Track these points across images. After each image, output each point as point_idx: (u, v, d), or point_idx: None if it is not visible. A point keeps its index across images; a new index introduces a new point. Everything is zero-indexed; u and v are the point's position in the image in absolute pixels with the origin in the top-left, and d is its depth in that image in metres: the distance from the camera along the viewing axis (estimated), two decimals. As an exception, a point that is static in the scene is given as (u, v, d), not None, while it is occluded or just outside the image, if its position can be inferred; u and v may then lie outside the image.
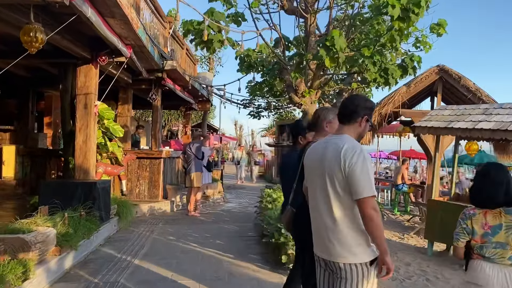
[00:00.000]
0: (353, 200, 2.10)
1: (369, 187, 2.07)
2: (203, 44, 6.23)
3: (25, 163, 8.97)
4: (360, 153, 2.11)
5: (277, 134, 8.57)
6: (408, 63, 7.02)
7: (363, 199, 2.06)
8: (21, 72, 8.58)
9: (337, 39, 5.09)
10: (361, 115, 2.26)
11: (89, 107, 6.64)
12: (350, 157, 2.09)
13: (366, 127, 2.31)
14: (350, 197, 2.12)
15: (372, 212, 2.05)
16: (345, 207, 2.15)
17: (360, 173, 2.07)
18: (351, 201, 2.12)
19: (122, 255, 5.52)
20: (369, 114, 2.29)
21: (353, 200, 2.10)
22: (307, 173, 2.40)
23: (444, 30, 6.63)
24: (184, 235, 6.85)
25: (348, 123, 2.28)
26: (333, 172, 2.14)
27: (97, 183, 6.06)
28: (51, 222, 4.61)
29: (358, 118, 2.26)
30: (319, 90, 6.72)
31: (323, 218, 2.21)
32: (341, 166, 2.10)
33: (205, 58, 20.76)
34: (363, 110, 2.26)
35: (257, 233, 7.04)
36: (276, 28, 6.35)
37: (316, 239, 2.32)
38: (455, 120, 5.87)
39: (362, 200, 2.06)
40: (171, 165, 10.66)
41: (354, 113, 2.25)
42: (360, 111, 2.25)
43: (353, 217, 2.14)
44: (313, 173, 2.30)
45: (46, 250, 4.16)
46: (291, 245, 4.68)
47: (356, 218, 2.13)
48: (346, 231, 2.14)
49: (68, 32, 5.75)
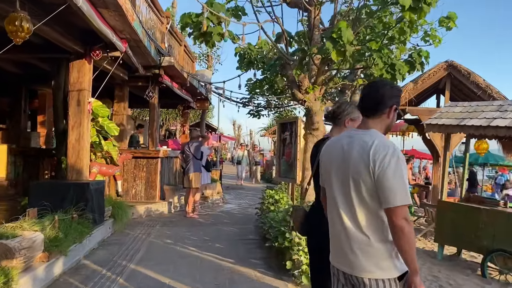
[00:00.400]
0: (382, 207, 1.79)
1: (403, 194, 1.75)
2: (202, 38, 5.90)
3: (18, 163, 8.68)
4: (394, 153, 1.78)
5: (278, 133, 8.23)
6: (415, 58, 6.72)
7: (394, 208, 1.74)
8: (12, 68, 8.27)
9: (344, 31, 4.80)
10: (388, 106, 1.92)
11: (82, 104, 6.34)
12: (381, 157, 1.77)
13: (394, 118, 1.97)
14: (378, 204, 1.80)
15: (404, 224, 1.72)
16: (372, 215, 1.84)
17: (392, 177, 1.74)
18: (380, 209, 1.81)
19: (117, 260, 5.21)
20: (397, 103, 1.95)
21: (382, 207, 1.79)
22: (325, 174, 2.07)
23: (454, 23, 6.31)
24: (182, 238, 6.54)
25: (373, 116, 1.94)
26: (359, 175, 1.83)
27: (90, 183, 5.75)
28: (39, 225, 4.30)
29: (385, 109, 1.92)
30: (323, 86, 6.41)
31: (345, 225, 1.89)
32: (369, 168, 1.78)
33: (204, 56, 20.45)
34: (391, 99, 1.92)
35: (258, 236, 6.74)
36: (278, 21, 6.04)
37: (335, 249, 1.99)
38: (467, 117, 5.57)
39: (393, 209, 1.74)
40: (169, 165, 10.36)
41: (380, 104, 1.92)
42: (387, 100, 1.92)
43: (381, 226, 1.83)
44: (334, 174, 1.97)
45: (32, 257, 3.85)
46: (296, 250, 4.38)
47: (385, 227, 1.82)
48: (373, 242, 1.82)
49: (59, 24, 5.44)
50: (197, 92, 12.51)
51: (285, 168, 7.79)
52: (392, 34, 5.65)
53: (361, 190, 1.83)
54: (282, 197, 6.64)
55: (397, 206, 1.73)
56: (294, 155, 7.28)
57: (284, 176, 7.93)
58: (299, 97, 6.21)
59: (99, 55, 6.25)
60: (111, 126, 7.24)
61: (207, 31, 5.67)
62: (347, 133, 2.01)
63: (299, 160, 6.92)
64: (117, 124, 8.36)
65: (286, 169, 7.72)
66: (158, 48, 8.28)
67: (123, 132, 9.22)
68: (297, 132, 7.08)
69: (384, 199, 1.76)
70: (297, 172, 7.01)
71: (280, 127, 8.34)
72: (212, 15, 5.46)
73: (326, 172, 2.05)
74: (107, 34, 5.65)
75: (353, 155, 1.86)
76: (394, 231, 1.75)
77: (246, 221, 8.29)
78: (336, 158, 1.97)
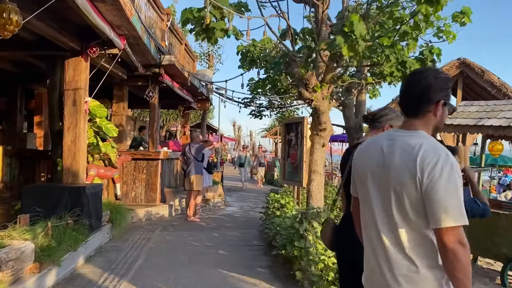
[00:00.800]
0: (430, 226, 1.48)
1: (457, 212, 1.43)
2: (204, 34, 5.61)
3: (13, 165, 8.38)
4: (447, 160, 1.46)
5: (283, 134, 7.95)
6: (427, 55, 6.44)
7: (445, 229, 1.42)
8: (7, 66, 7.97)
9: (356, 24, 4.50)
10: (435, 101, 1.58)
11: (78, 104, 6.04)
12: (431, 165, 1.45)
13: (444, 114, 1.62)
14: (426, 222, 1.49)
15: (457, 247, 1.41)
16: (418, 235, 1.52)
17: (444, 190, 1.43)
18: (428, 227, 1.49)
19: (114, 268, 4.91)
20: (446, 96, 1.60)
21: (430, 226, 1.48)
22: (358, 183, 1.75)
23: (468, 19, 6.00)
24: (184, 244, 6.24)
25: (415, 116, 1.61)
26: (402, 185, 1.51)
27: (86, 187, 5.46)
28: (31, 233, 4.00)
29: (431, 106, 1.59)
30: (331, 84, 6.11)
31: (384, 246, 1.57)
32: (416, 177, 1.47)
33: (205, 55, 20.15)
34: (438, 93, 1.58)
35: (263, 242, 6.44)
36: (284, 16, 5.74)
37: (371, 272, 1.67)
38: (485, 117, 5.27)
39: (444, 230, 1.43)
40: (170, 167, 10.06)
41: (425, 100, 1.59)
42: (433, 95, 1.58)
43: (430, 248, 1.51)
44: (370, 183, 1.65)
45: (22, 268, 3.55)
46: (306, 260, 4.08)
47: (434, 250, 1.51)
48: (420, 267, 1.51)
49: (53, 19, 5.16)
50: (198, 92, 12.21)
51: (290, 171, 7.50)
52: (405, 29, 5.34)
53: (404, 205, 1.51)
54: (288, 202, 6.33)
55: (449, 227, 1.42)
56: (300, 157, 6.99)
57: (289, 179, 7.66)
58: (306, 96, 5.91)
59: (96, 52, 5.95)
60: (109, 127, 6.95)
61: (209, 27, 5.38)
62: (387, 134, 1.68)
63: (305, 162, 6.64)
64: (116, 125, 8.08)
65: (291, 171, 7.44)
66: (158, 46, 7.99)
67: (122, 133, 8.93)
68: (303, 133, 6.80)
69: (433, 217, 1.44)
70: (303, 174, 6.72)
71: (285, 128, 8.07)
72: (215, 9, 5.18)
73: (360, 181, 1.73)
74: (104, 30, 5.36)
75: (395, 161, 1.54)
76: (445, 256, 1.44)
77: (249, 225, 7.99)
78: (373, 164, 1.64)
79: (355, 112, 10.83)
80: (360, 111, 10.87)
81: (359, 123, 10.60)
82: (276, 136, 27.56)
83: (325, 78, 5.94)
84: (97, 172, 6.91)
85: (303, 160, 6.63)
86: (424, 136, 1.56)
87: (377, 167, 1.62)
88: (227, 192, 13.67)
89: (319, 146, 6.34)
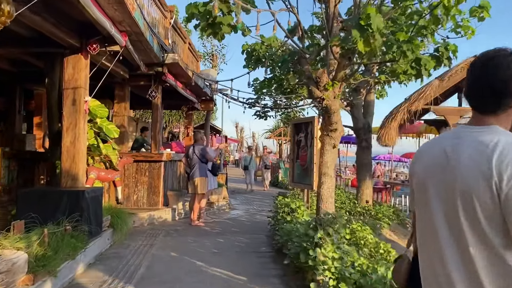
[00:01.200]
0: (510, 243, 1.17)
1: None
2: (210, 29, 5.32)
3: (11, 167, 8.09)
4: None
5: (292, 134, 7.65)
6: (442, 52, 6.13)
7: None
8: (5, 65, 7.70)
9: (373, 17, 4.20)
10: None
11: (78, 103, 5.76)
12: (511, 167, 1.15)
13: None
14: (504, 239, 1.18)
15: None
16: (494, 254, 1.20)
17: None
18: (506, 245, 1.18)
19: (115, 278, 4.61)
20: None
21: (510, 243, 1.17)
22: (417, 191, 1.44)
23: (487, 13, 5.71)
24: (188, 251, 5.95)
25: (491, 112, 1.29)
26: (472, 191, 1.20)
27: (85, 191, 5.17)
28: (25, 242, 3.71)
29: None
30: (343, 82, 5.82)
31: (448, 268, 1.26)
32: (491, 182, 1.16)
33: (208, 55, 19.88)
34: None
35: (271, 248, 6.13)
36: (293, 11, 5.45)
37: None
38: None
39: None
40: (173, 169, 9.77)
41: (507, 93, 1.26)
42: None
43: (507, 271, 1.19)
44: (431, 191, 1.35)
45: (13, 281, 3.25)
46: (321, 270, 3.77)
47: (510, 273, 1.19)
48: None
49: (51, 14, 4.88)
50: (202, 92, 11.94)
51: (300, 173, 7.20)
52: (424, 23, 5.04)
53: (476, 214, 1.20)
54: (299, 206, 6.02)
55: None
56: (310, 158, 6.69)
57: (298, 182, 7.36)
58: (317, 94, 5.62)
59: (96, 49, 5.66)
60: (110, 127, 6.69)
61: (216, 22, 5.10)
62: (453, 132, 1.37)
63: (316, 164, 6.34)
64: (118, 125, 7.81)
65: (301, 174, 7.13)
66: (161, 44, 7.71)
67: (123, 135, 8.65)
68: (314, 133, 6.50)
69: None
70: (314, 177, 6.43)
71: (293, 128, 7.76)
72: (222, 2, 4.89)
73: (419, 189, 1.42)
74: (105, 25, 5.08)
75: (463, 162, 1.24)
76: None
77: (256, 230, 7.69)
78: (434, 168, 1.34)
79: (363, 112, 10.56)
80: (369, 112, 10.59)
81: (367, 124, 10.33)
82: (280, 137, 27.25)
83: (336, 76, 5.65)
84: (98, 175, 6.65)
85: (313, 162, 6.33)
86: (500, 132, 1.25)
87: (439, 171, 1.32)
88: (231, 194, 13.40)
89: (329, 147, 6.04)
